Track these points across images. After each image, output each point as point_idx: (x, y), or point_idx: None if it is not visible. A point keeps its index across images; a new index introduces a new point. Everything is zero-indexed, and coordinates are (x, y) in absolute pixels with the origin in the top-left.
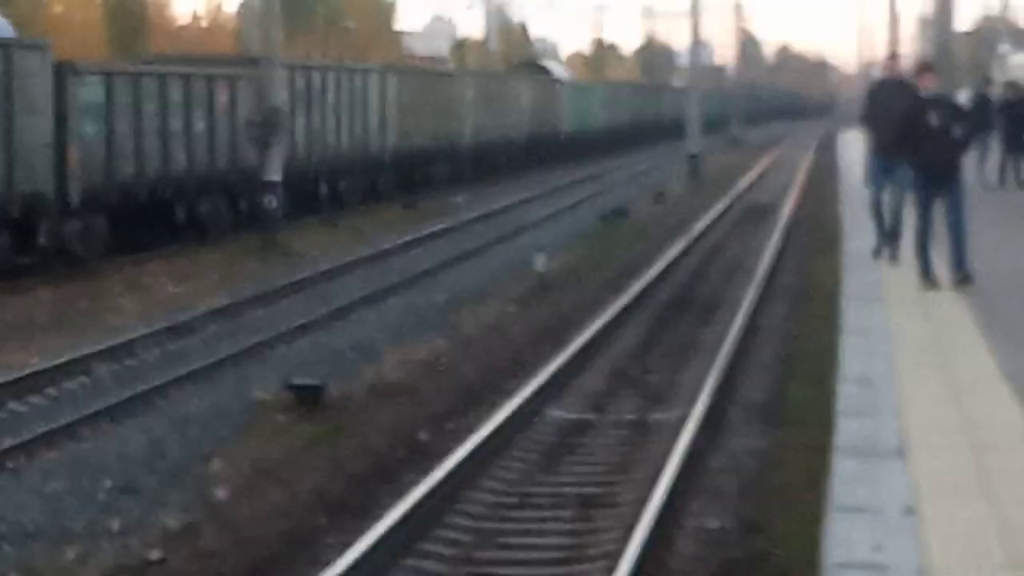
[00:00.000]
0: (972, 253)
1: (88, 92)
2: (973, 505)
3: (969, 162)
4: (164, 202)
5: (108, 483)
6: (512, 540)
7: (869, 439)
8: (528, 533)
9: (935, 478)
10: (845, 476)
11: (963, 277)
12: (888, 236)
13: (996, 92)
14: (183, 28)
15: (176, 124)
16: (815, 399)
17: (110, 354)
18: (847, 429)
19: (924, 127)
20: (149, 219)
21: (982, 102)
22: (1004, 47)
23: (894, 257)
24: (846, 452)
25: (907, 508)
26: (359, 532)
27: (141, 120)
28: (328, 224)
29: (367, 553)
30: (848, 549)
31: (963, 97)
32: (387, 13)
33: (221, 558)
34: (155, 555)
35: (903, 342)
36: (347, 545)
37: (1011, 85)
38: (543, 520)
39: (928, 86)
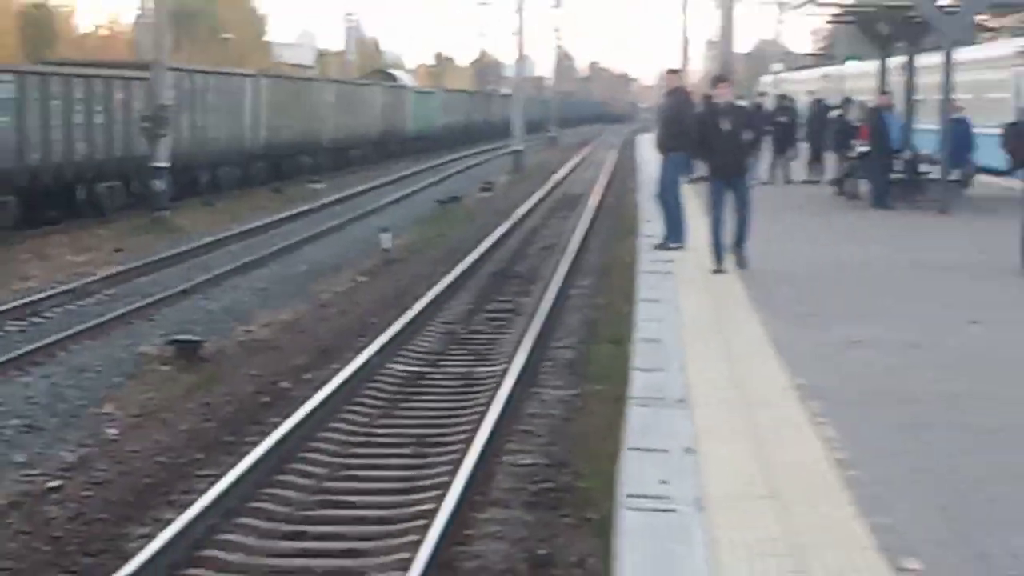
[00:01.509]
0: (749, 240)
1: (2, 89)
2: (742, 447)
3: None
4: (67, 184)
5: (14, 422)
6: (359, 474)
7: (658, 391)
8: (373, 467)
9: (712, 423)
10: (638, 422)
11: (743, 263)
12: (675, 226)
13: (768, 103)
14: (86, 36)
15: (79, 118)
16: (614, 357)
17: (18, 312)
18: (640, 382)
19: (717, 131)
20: (54, 198)
21: (756, 111)
22: (777, 66)
23: (679, 243)
24: (639, 402)
25: (688, 449)
26: (229, 465)
27: (48, 114)
28: (207, 205)
29: (235, 482)
30: (639, 482)
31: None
32: (260, 27)
33: (111, 485)
34: (54, 483)
35: (689, 312)
36: (218, 476)
37: (782, 97)
38: (387, 456)
39: (723, 95)
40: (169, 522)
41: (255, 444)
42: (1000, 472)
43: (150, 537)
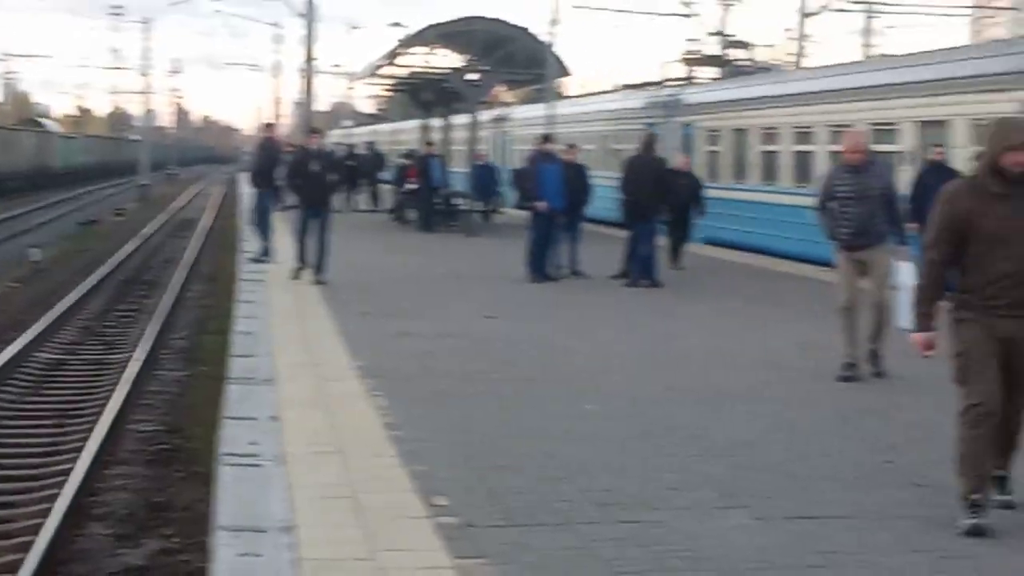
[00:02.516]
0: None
1: None
2: (315, 414)
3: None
4: None
5: None
6: (9, 440)
7: (251, 372)
8: (21, 435)
9: (293, 397)
10: (235, 396)
11: (322, 281)
12: (267, 245)
13: (339, 151)
14: None
15: None
16: (218, 345)
17: None
18: (237, 365)
19: (307, 171)
20: None
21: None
22: (347, 122)
23: (269, 258)
24: (235, 380)
25: (273, 416)
26: None
27: None
28: None
29: None
30: (235, 443)
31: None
32: None
33: None
34: None
35: (276, 310)
36: None
37: (350, 145)
38: (33, 426)
39: (314, 143)
40: None
41: None
42: (508, 429)
43: None
